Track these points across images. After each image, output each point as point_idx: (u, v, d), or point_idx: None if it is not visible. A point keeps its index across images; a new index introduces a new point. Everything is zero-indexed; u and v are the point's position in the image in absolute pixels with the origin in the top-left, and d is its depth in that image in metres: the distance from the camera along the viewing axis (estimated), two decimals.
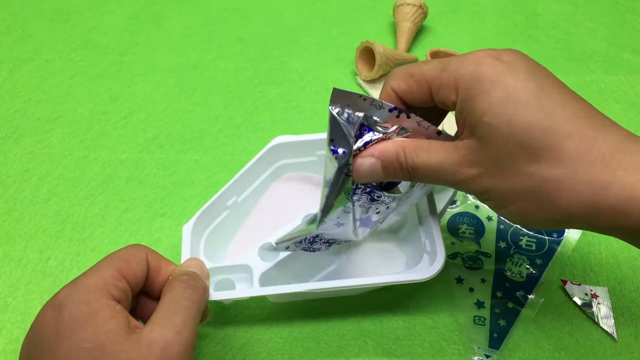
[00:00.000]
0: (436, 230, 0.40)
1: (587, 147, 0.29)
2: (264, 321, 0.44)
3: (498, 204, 0.32)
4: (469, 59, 0.32)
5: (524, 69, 0.31)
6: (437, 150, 0.33)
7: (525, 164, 0.30)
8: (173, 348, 0.31)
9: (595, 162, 0.29)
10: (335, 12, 0.72)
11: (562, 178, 0.29)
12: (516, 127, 0.29)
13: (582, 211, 0.30)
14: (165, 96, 0.61)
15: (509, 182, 0.31)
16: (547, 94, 0.30)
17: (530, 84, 0.30)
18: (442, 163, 0.32)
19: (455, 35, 0.69)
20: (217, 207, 0.44)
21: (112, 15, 0.71)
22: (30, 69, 0.64)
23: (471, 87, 0.31)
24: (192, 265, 0.37)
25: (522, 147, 0.30)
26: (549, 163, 0.29)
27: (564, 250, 0.48)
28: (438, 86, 0.33)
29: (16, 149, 0.56)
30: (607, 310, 0.44)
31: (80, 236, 0.50)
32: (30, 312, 0.45)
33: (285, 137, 0.45)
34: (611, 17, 0.70)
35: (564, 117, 0.30)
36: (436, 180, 0.34)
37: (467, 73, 0.31)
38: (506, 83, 0.30)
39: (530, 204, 0.31)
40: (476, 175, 0.31)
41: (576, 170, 0.29)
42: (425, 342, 0.43)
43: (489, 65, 0.31)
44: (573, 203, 0.29)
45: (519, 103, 0.30)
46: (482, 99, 0.30)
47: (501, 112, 0.30)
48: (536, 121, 0.29)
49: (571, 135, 0.29)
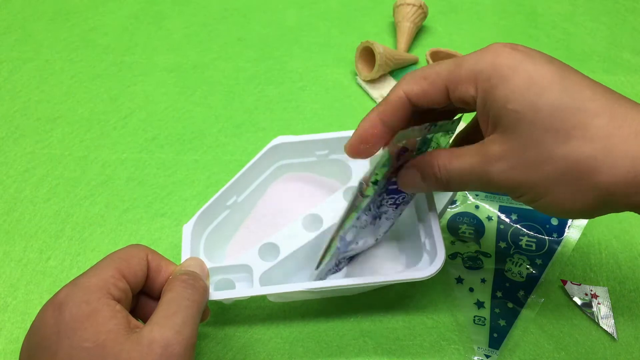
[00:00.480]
0: (436, 229, 0.40)
1: (617, 124, 0.28)
2: (264, 321, 0.44)
3: (533, 197, 0.31)
4: (486, 52, 0.31)
5: (541, 56, 0.31)
6: (465, 154, 0.32)
7: (556, 147, 0.29)
8: (173, 348, 0.31)
9: (628, 136, 0.28)
10: (335, 12, 0.72)
11: (596, 155, 0.28)
12: (542, 111, 0.29)
13: (623, 186, 0.28)
14: (165, 96, 0.61)
15: (541, 170, 0.30)
16: (569, 76, 0.30)
17: (552, 67, 0.30)
18: (471, 165, 0.32)
19: (455, 35, 0.69)
20: (217, 207, 0.44)
21: (112, 15, 0.71)
22: (30, 69, 0.64)
23: (491, 77, 0.30)
24: (192, 265, 0.37)
25: (551, 130, 0.29)
26: (581, 142, 0.28)
27: (564, 250, 0.48)
28: (456, 83, 0.32)
29: (16, 149, 0.56)
30: (607, 310, 0.44)
31: (80, 236, 0.50)
32: (30, 312, 0.45)
33: (285, 137, 0.45)
34: (611, 17, 0.70)
35: (590, 96, 0.29)
36: (469, 185, 0.33)
37: (486, 65, 0.31)
38: (526, 68, 0.30)
39: (566, 190, 0.30)
40: (506, 170, 0.30)
41: (610, 145, 0.28)
42: (425, 342, 0.43)
43: (507, 54, 0.30)
44: (611, 179, 0.28)
45: (542, 86, 0.29)
46: (503, 87, 0.30)
47: (525, 97, 0.29)
48: (562, 102, 0.29)
49: (599, 114, 0.29)
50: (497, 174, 0.31)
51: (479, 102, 0.31)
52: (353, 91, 0.62)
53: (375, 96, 0.60)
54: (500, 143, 0.30)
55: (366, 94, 0.61)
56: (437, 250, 0.39)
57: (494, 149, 0.31)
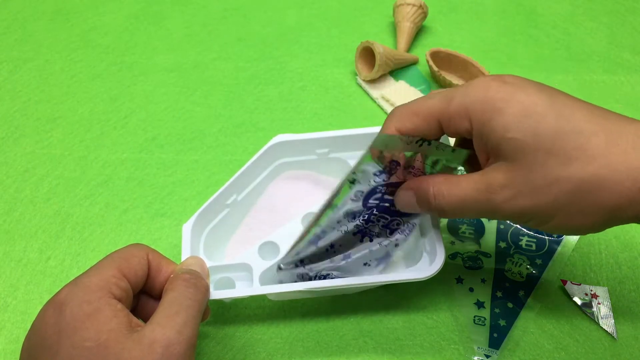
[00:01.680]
0: (436, 229, 0.40)
1: (614, 140, 0.29)
2: (264, 321, 0.44)
3: (540, 221, 0.32)
4: (474, 87, 0.32)
5: (530, 85, 0.31)
6: (465, 182, 0.33)
7: (561, 170, 0.30)
8: (175, 347, 0.31)
9: (627, 150, 0.29)
10: (335, 12, 0.72)
11: (599, 173, 0.29)
12: (542, 136, 0.30)
13: (628, 199, 0.29)
14: (165, 96, 0.61)
15: (548, 193, 0.30)
16: (560, 101, 0.31)
17: (542, 95, 0.31)
18: (473, 195, 0.32)
19: (455, 35, 0.69)
20: (217, 205, 0.44)
21: (112, 15, 0.71)
22: (30, 69, 0.64)
23: (485, 111, 0.31)
24: (193, 264, 0.37)
25: (552, 154, 0.30)
26: (583, 162, 0.29)
27: (564, 250, 0.48)
28: (448, 119, 0.33)
29: (16, 149, 0.56)
30: (607, 310, 0.44)
31: (80, 236, 0.50)
32: (30, 312, 0.45)
33: (285, 135, 0.45)
34: (611, 17, 0.70)
35: (584, 118, 0.30)
36: (469, 213, 0.34)
37: (477, 99, 0.31)
38: (519, 99, 0.31)
39: (575, 210, 0.30)
40: (510, 197, 0.31)
41: (611, 162, 0.29)
42: (425, 342, 0.43)
43: (496, 87, 0.31)
44: (616, 195, 0.29)
45: (538, 114, 0.30)
46: (499, 119, 0.31)
47: (523, 125, 0.30)
48: (560, 127, 0.30)
49: (596, 133, 0.30)
50: (503, 202, 0.31)
51: (475, 135, 0.32)
52: (353, 91, 0.62)
53: (375, 96, 0.60)
54: (503, 172, 0.31)
55: (366, 94, 0.61)
56: (437, 250, 0.39)
57: (498, 178, 0.31)
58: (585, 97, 0.32)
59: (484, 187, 0.32)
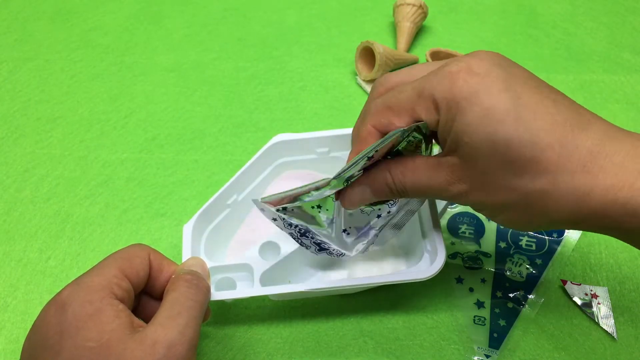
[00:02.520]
0: (437, 229, 0.40)
1: (567, 155, 0.30)
2: (264, 321, 0.44)
3: (489, 214, 0.34)
4: (442, 77, 0.32)
5: (498, 79, 0.31)
6: (422, 168, 0.34)
7: (510, 179, 0.30)
8: (176, 348, 0.31)
9: (576, 170, 0.29)
10: (335, 12, 0.72)
11: (546, 189, 0.30)
12: (497, 145, 0.30)
13: (567, 217, 0.31)
14: (165, 96, 0.61)
15: (496, 196, 0.31)
16: (523, 103, 0.30)
17: (505, 96, 0.30)
18: (429, 181, 0.33)
19: (455, 35, 0.69)
20: (217, 205, 0.44)
21: (112, 15, 0.71)
22: (30, 69, 0.64)
23: (449, 108, 0.31)
24: (194, 265, 0.37)
25: (505, 162, 0.30)
26: (532, 176, 0.30)
27: (564, 250, 0.48)
28: (419, 111, 0.33)
29: (16, 149, 0.56)
30: (607, 310, 0.44)
31: (80, 236, 0.50)
32: (30, 312, 0.45)
33: (285, 135, 0.45)
34: (611, 17, 0.70)
35: (543, 126, 0.30)
36: (427, 196, 0.35)
37: (444, 95, 0.31)
38: (481, 100, 0.30)
39: (519, 214, 0.32)
40: (465, 191, 0.32)
41: (559, 180, 0.30)
42: (425, 342, 0.43)
43: (462, 81, 0.31)
44: (558, 211, 0.30)
45: (497, 120, 0.30)
46: (460, 120, 0.31)
47: (480, 130, 0.30)
48: (516, 136, 0.30)
49: (551, 145, 0.30)
50: (456, 193, 0.33)
51: (440, 127, 0.32)
52: (353, 91, 0.62)
53: None
54: (458, 168, 0.32)
55: (366, 94, 0.61)
56: (438, 250, 0.39)
57: (455, 171, 0.32)
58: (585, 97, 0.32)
59: (442, 177, 0.33)
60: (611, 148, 0.30)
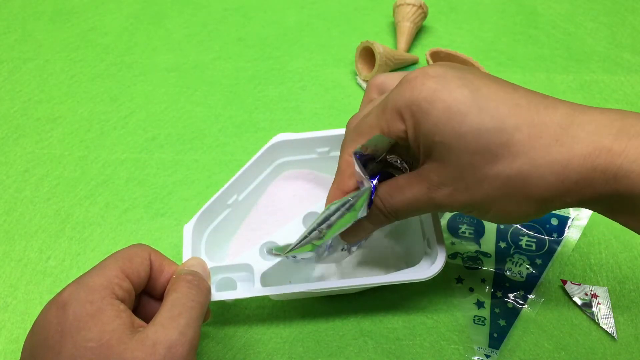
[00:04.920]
0: (437, 229, 0.40)
1: (537, 133, 0.29)
2: (264, 321, 0.44)
3: (480, 213, 0.33)
4: (402, 88, 0.32)
5: (454, 77, 0.31)
6: (406, 184, 0.34)
7: (487, 168, 0.30)
8: (177, 349, 0.31)
9: (550, 144, 0.29)
10: (335, 12, 0.72)
11: (524, 170, 0.30)
12: (466, 138, 0.30)
13: (553, 194, 0.30)
14: (165, 96, 0.61)
15: (479, 190, 0.31)
16: (483, 94, 0.30)
17: (464, 90, 0.30)
18: (414, 195, 0.33)
19: (455, 35, 0.69)
20: (218, 205, 0.44)
21: (112, 15, 0.71)
22: (30, 69, 0.64)
23: (413, 114, 0.31)
24: (195, 265, 0.37)
25: (479, 153, 0.30)
26: (508, 159, 0.30)
27: (564, 250, 0.48)
28: (387, 125, 0.33)
29: (16, 149, 0.56)
30: (607, 310, 0.44)
31: (80, 236, 0.50)
32: (30, 312, 0.45)
33: (286, 134, 0.45)
34: (611, 17, 0.70)
35: (507, 112, 0.30)
36: (418, 212, 0.35)
37: (406, 101, 0.32)
38: (442, 98, 0.30)
39: (507, 203, 0.31)
40: (448, 195, 0.32)
41: (534, 158, 0.29)
42: (425, 342, 0.43)
43: (420, 85, 0.31)
44: (542, 189, 0.30)
45: (460, 113, 0.30)
46: (426, 121, 0.31)
47: (447, 128, 0.30)
48: (482, 125, 0.30)
49: (518, 127, 0.30)
50: (442, 199, 0.32)
51: (409, 135, 0.32)
52: (353, 91, 0.62)
53: None
54: (437, 172, 0.32)
55: None
56: (438, 250, 0.39)
57: (433, 178, 0.32)
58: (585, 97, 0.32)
59: (424, 187, 0.33)
60: (581, 119, 0.30)
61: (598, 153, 0.29)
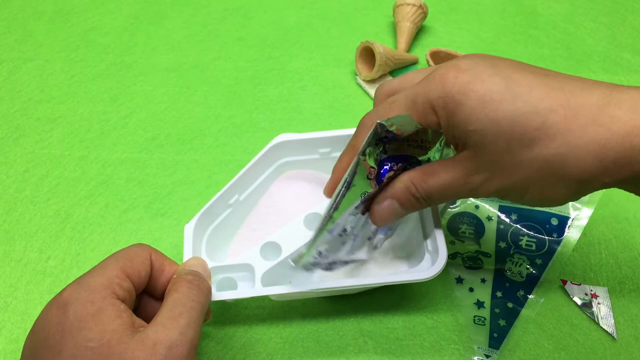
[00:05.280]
0: (438, 230, 0.40)
1: (573, 115, 0.30)
2: (264, 321, 0.44)
3: (516, 197, 0.33)
4: (432, 81, 0.32)
5: (486, 67, 0.31)
6: (441, 171, 0.34)
7: (524, 153, 0.30)
8: (178, 349, 0.31)
9: (586, 125, 0.29)
10: (335, 12, 0.72)
11: (561, 152, 0.30)
12: (501, 124, 0.30)
13: (591, 174, 0.30)
14: (165, 96, 0.61)
15: (515, 175, 0.31)
16: (516, 81, 0.31)
17: (497, 79, 0.31)
18: (450, 181, 0.33)
19: (455, 35, 0.69)
20: (219, 205, 0.44)
21: (112, 15, 0.71)
22: (30, 69, 0.64)
23: (446, 106, 0.32)
24: (196, 265, 0.37)
25: (514, 139, 0.30)
26: (544, 142, 0.30)
27: (564, 250, 0.48)
28: (418, 118, 0.33)
29: (16, 149, 0.56)
30: (607, 310, 0.44)
31: (80, 236, 0.50)
32: (30, 312, 0.45)
33: (287, 134, 0.45)
34: (611, 17, 0.70)
35: (541, 96, 0.30)
36: (451, 197, 0.35)
37: (437, 95, 0.32)
38: (475, 89, 0.31)
39: (544, 186, 0.31)
40: (484, 181, 0.32)
41: (570, 139, 0.29)
42: (425, 342, 0.43)
43: (452, 79, 0.31)
44: (580, 170, 0.30)
45: (494, 101, 0.30)
46: (460, 112, 0.31)
47: (481, 116, 0.31)
48: (516, 110, 0.30)
49: (553, 109, 0.30)
50: (478, 186, 0.33)
51: (443, 127, 0.33)
52: (353, 91, 0.62)
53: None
54: (473, 159, 0.32)
55: (366, 94, 0.61)
56: (439, 251, 0.39)
57: (469, 164, 0.32)
58: None
59: (460, 173, 0.33)
60: (619, 98, 0.29)
61: (637, 132, 0.29)
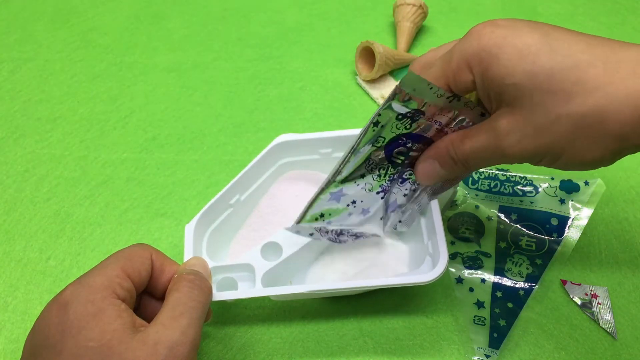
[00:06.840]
0: (439, 231, 0.40)
1: (613, 69, 0.29)
2: (264, 321, 0.44)
3: (551, 159, 0.32)
4: (469, 38, 0.32)
5: (523, 25, 0.31)
6: (477, 133, 0.33)
7: (560, 107, 0.29)
8: (178, 349, 0.31)
9: (626, 77, 0.29)
10: (335, 12, 0.72)
11: (599, 104, 0.29)
12: (538, 77, 0.29)
13: (632, 129, 0.29)
14: (165, 96, 0.61)
15: (552, 132, 0.30)
16: (554, 37, 0.30)
17: (535, 34, 0.30)
18: (482, 143, 0.33)
19: (455, 35, 0.68)
20: (219, 205, 0.44)
21: (112, 15, 0.71)
22: (30, 69, 0.64)
23: (482, 60, 0.31)
24: (196, 265, 0.37)
25: (551, 92, 0.29)
26: (583, 96, 0.29)
27: (564, 250, 0.48)
28: (453, 76, 0.33)
29: (16, 149, 0.56)
30: (607, 310, 0.44)
31: (80, 236, 0.50)
32: (30, 312, 0.45)
33: (288, 135, 0.45)
34: (611, 17, 0.70)
35: (580, 50, 0.30)
36: (486, 161, 0.34)
37: (473, 50, 0.31)
38: (512, 43, 0.30)
39: (582, 144, 0.30)
40: (517, 141, 0.31)
41: (611, 91, 0.29)
42: (425, 342, 0.43)
43: (490, 33, 0.31)
44: (619, 124, 0.29)
45: (532, 54, 0.30)
46: (496, 65, 0.30)
47: (518, 69, 0.30)
48: (555, 63, 0.29)
49: (593, 64, 0.29)
50: (510, 147, 0.32)
51: (478, 84, 0.32)
52: (353, 91, 0.62)
53: (376, 96, 0.60)
54: (507, 117, 0.31)
55: (366, 94, 0.61)
56: (440, 252, 0.39)
57: (502, 124, 0.32)
58: None
59: (492, 134, 0.32)
60: None
61: None
